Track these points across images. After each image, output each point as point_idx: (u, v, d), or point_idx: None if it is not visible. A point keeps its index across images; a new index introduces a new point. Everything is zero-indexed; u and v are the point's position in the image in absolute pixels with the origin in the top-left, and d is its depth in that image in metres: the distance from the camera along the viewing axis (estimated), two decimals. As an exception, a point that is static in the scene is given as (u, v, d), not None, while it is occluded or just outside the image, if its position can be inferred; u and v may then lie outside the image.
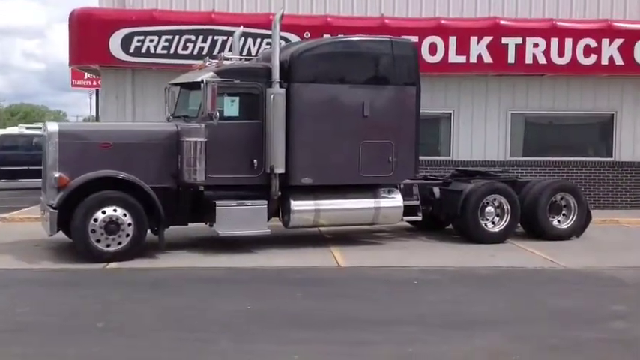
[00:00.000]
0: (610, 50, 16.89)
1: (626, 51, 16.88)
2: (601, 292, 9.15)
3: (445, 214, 13.15)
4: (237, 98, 11.44)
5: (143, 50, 16.30)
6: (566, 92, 17.82)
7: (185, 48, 16.35)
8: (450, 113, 17.80)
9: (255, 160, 11.40)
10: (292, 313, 7.81)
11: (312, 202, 11.79)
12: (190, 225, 11.79)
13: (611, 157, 18.02)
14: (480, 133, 17.79)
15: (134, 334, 6.94)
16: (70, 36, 16.61)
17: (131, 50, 16.29)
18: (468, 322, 7.55)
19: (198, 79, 11.15)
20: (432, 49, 16.81)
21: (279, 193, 11.61)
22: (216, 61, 11.66)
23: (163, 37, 16.35)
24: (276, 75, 11.33)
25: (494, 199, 12.85)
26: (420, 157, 17.38)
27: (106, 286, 9.11)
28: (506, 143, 17.87)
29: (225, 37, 16.01)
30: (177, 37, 16.35)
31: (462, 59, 16.88)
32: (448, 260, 11.08)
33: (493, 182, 13.04)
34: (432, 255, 11.57)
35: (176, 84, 12.31)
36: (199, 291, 8.86)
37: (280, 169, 11.41)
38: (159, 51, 16.34)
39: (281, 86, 11.39)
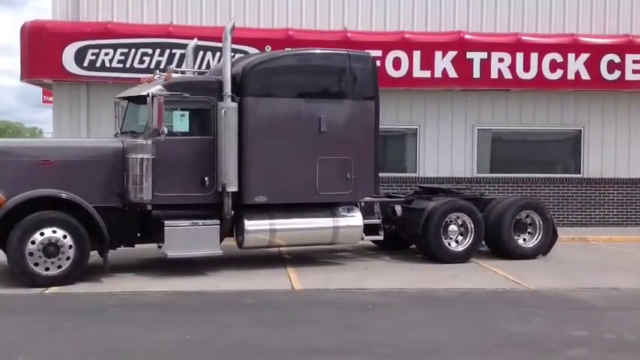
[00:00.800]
0: (576, 65, 16.64)
1: (592, 66, 16.64)
2: (564, 315, 8.69)
3: (407, 233, 12.68)
4: (187, 113, 10.91)
5: (98, 64, 15.77)
6: (533, 107, 17.57)
7: (141, 61, 15.83)
8: (416, 129, 17.43)
9: (206, 178, 10.86)
10: (232, 342, 7.26)
11: (267, 222, 11.27)
12: (142, 246, 11.21)
13: (580, 173, 17.74)
14: (447, 149, 17.44)
15: (56, 369, 6.37)
16: (22, 49, 16.03)
17: (85, 64, 15.74)
18: (418, 351, 7.06)
19: (144, 93, 10.60)
20: (396, 63, 16.47)
21: (232, 212, 11.08)
22: (165, 74, 11.13)
23: (119, 50, 15.83)
24: (227, 88, 10.83)
25: (458, 217, 12.42)
26: (386, 174, 17.14)
27: (39, 314, 8.47)
28: (473, 159, 17.53)
29: (183, 51, 15.43)
30: (133, 50, 15.84)
31: (426, 74, 16.54)
32: (408, 282, 10.59)
33: (456, 200, 12.61)
34: (392, 276, 11.07)
35: (124, 98, 11.75)
36: (138, 318, 8.28)
37: (233, 187, 10.88)
38: (114, 64, 15.81)
39: (233, 100, 10.90)
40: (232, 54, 11.45)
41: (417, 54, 16.51)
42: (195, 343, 7.22)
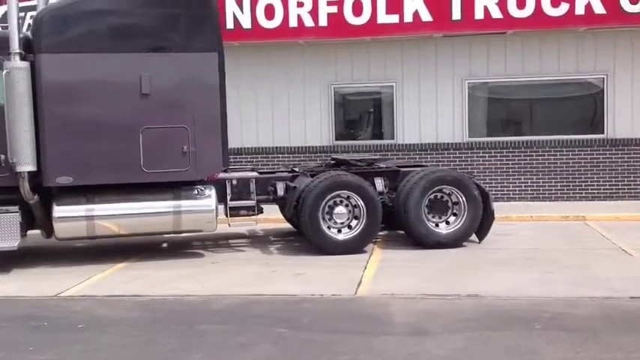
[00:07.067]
0: (585, -5, 13.00)
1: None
2: (284, 339, 5.89)
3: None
4: (-28, 77, 9.06)
5: None
6: (539, 53, 14.03)
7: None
8: (392, 86, 14.50)
9: (2, 156, 8.97)
10: None
11: (82, 207, 9.22)
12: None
13: (603, 133, 13.98)
14: (430, 109, 14.39)
15: None
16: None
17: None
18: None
19: None
20: (357, 8, 13.71)
21: (36, 197, 9.12)
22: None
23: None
24: (14, 44, 8.77)
25: (349, 197, 9.69)
26: (359, 142, 14.51)
27: None
28: (464, 120, 14.33)
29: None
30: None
31: (394, 19, 13.63)
32: (215, 286, 8.02)
33: (339, 175, 9.80)
34: (219, 276, 8.59)
35: None
36: None
37: (26, 167, 8.88)
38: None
39: (25, 59, 8.89)
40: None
41: (380, -5, 13.63)
42: None
